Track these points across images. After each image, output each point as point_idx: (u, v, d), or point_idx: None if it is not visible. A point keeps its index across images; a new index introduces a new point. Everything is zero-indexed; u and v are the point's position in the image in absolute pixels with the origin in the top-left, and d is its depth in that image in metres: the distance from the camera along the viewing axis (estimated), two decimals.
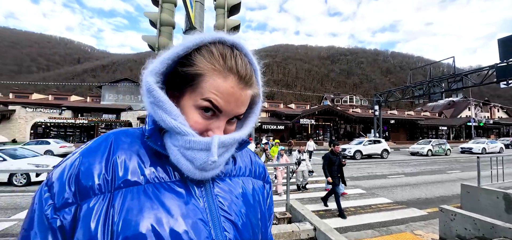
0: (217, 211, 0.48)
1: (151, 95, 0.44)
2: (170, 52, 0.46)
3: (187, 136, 0.44)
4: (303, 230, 3.42)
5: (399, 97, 24.97)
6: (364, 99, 62.52)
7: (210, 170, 0.46)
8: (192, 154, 0.45)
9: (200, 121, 0.46)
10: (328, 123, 34.61)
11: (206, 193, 0.49)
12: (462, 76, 18.72)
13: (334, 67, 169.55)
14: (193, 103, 0.46)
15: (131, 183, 0.43)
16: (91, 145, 0.47)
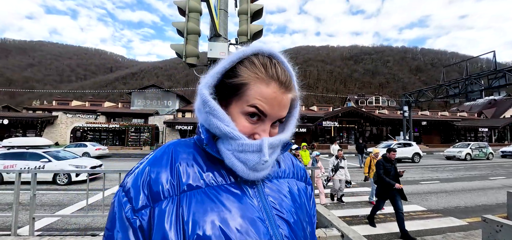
0: (270, 209, 0.52)
1: (207, 106, 0.49)
2: (219, 67, 0.51)
3: (239, 139, 0.48)
4: (330, 236, 3.32)
5: (431, 97, 23.28)
6: (391, 100, 59.32)
7: (261, 170, 0.50)
8: (245, 156, 0.49)
9: (247, 125, 0.51)
10: (352, 125, 33.35)
11: (259, 193, 0.53)
12: (505, 72, 16.94)
13: (357, 67, 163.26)
14: (240, 110, 0.50)
15: (194, 187, 0.48)
16: (156, 155, 0.52)
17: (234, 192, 0.50)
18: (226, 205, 0.48)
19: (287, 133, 0.58)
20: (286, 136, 0.56)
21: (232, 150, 0.49)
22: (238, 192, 0.50)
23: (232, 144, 0.49)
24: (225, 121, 0.49)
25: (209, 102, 0.49)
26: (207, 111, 0.50)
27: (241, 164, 0.49)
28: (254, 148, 0.49)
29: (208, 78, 0.52)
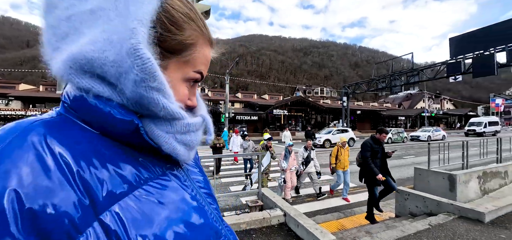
0: (198, 188, 0.47)
1: (154, 79, 0.34)
2: (146, 10, 0.35)
3: (184, 119, 0.40)
4: (274, 216, 3.52)
5: (365, 89, 26.61)
6: (334, 91, 65.50)
7: (194, 149, 0.45)
8: (189, 137, 0.42)
9: (186, 93, 0.43)
10: (300, 113, 35.71)
11: (187, 175, 0.46)
12: (419, 71, 20.55)
13: (306, 59, 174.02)
14: (182, 76, 0.41)
15: (118, 196, 0.33)
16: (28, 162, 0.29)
17: (168, 185, 0.40)
18: (166, 202, 0.37)
19: (199, 101, 0.52)
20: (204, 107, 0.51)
21: (174, 132, 0.39)
22: (173, 183, 0.41)
23: (175, 125, 0.39)
24: (171, 96, 0.38)
25: (156, 73, 0.34)
26: (147, 86, 0.34)
27: (184, 147, 0.41)
28: (198, 126, 0.44)
29: (142, 31, 0.34)
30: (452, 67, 17.65)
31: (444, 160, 5.63)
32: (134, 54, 0.33)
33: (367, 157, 4.41)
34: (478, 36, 16.17)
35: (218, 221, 0.45)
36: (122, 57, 0.33)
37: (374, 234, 3.30)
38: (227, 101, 23.44)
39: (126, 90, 0.34)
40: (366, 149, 4.49)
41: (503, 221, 3.55)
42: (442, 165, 5.58)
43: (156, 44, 0.36)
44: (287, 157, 5.77)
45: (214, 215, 0.44)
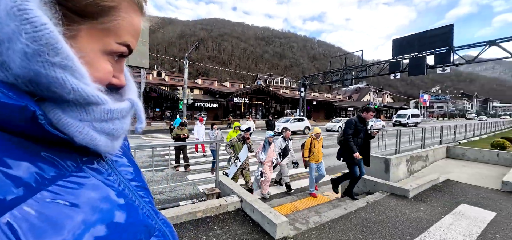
0: (127, 182, 0.41)
1: (54, 51, 0.27)
2: None
3: (105, 104, 0.33)
4: (231, 202, 3.56)
5: (321, 81, 28.39)
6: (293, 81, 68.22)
7: (121, 137, 0.38)
8: (113, 125, 0.35)
9: (109, 70, 0.35)
10: (260, 102, 36.34)
11: (113, 169, 0.39)
12: (367, 67, 22.78)
13: (268, 48, 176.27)
14: (101, 47, 0.33)
15: (8, 204, 0.25)
16: None
17: (88, 181, 0.33)
18: (83, 203, 0.30)
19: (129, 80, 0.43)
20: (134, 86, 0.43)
21: (91, 120, 0.32)
22: (93, 179, 0.34)
23: (92, 112, 0.32)
24: (84, 76, 0.30)
25: (60, 47, 0.27)
26: (46, 61, 0.26)
27: (106, 137, 0.34)
28: (125, 112, 0.37)
29: None
30: (393, 65, 20.04)
31: (382, 146, 6.44)
32: (19, 17, 0.24)
33: (348, 135, 4.28)
34: (414, 40, 18.58)
35: (152, 216, 0.41)
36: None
37: (322, 213, 3.62)
38: (186, 87, 22.36)
39: (13, 65, 0.26)
40: (349, 126, 4.34)
41: (422, 196, 4.27)
42: (380, 150, 6.37)
43: (58, 4, 0.28)
44: (266, 149, 5.28)
45: (146, 210, 0.40)
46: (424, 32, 18.18)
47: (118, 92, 0.40)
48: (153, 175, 4.14)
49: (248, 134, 5.25)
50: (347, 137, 4.30)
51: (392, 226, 3.19)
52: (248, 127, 5.50)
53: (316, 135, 5.43)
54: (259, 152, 5.30)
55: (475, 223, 3.28)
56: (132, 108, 0.39)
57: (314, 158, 5.32)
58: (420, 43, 18.02)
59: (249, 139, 5.22)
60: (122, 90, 0.41)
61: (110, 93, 0.36)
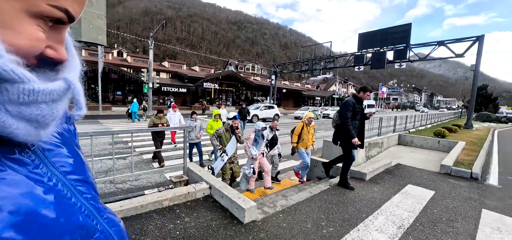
0: (62, 177, 0.34)
1: None
2: None
3: (25, 82, 0.26)
4: (199, 189, 3.51)
5: (291, 70, 29.00)
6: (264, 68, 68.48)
7: (51, 123, 0.31)
8: (37, 110, 0.28)
9: (38, 36, 0.28)
10: (231, 88, 35.90)
11: (42, 161, 0.33)
12: (334, 58, 23.84)
13: (240, 34, 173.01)
14: (24, 6, 0.26)
15: None
16: None
17: (5, 175, 0.27)
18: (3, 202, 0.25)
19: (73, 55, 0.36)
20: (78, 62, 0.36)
21: (2, 102, 0.25)
22: (12, 173, 0.28)
23: (5, 92, 0.25)
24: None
25: None
26: None
27: (26, 124, 0.28)
28: (56, 95, 0.30)
29: None
30: (358, 58, 21.29)
31: None
32: None
33: (347, 118, 3.91)
34: (377, 35, 19.88)
35: (92, 215, 0.36)
36: None
37: (289, 197, 3.79)
38: (151, 69, 20.99)
39: None
40: (347, 108, 3.94)
41: (377, 179, 4.73)
42: None
43: None
44: (259, 143, 4.60)
45: (85, 208, 0.35)
46: (386, 28, 19.54)
47: (55, 69, 0.32)
48: (114, 164, 3.87)
49: (237, 122, 4.63)
50: (346, 121, 3.93)
51: (351, 206, 3.49)
52: (234, 115, 4.73)
53: (308, 120, 5.11)
54: (250, 146, 4.58)
55: (418, 201, 3.75)
56: (68, 90, 0.31)
57: (303, 145, 5.05)
58: (382, 39, 19.37)
59: (239, 129, 4.61)
60: (61, 67, 0.33)
61: (41, 69, 0.29)
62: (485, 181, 5.07)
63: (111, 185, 4.75)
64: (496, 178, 5.36)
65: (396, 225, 2.99)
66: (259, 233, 2.66)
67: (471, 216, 3.35)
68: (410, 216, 3.26)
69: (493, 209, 3.62)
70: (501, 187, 4.72)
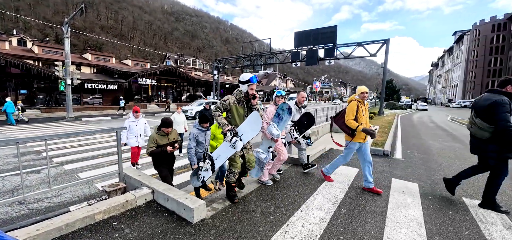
0: None
1: None
2: None
3: None
4: (140, 196, 3.21)
5: (234, 65, 29.13)
6: (206, 63, 66.62)
7: None
8: None
9: None
10: (171, 84, 33.64)
11: None
12: (274, 54, 25.10)
13: (178, 26, 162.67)
14: None
15: None
16: None
17: None
18: None
19: None
20: None
21: None
22: None
23: None
24: None
25: None
26: None
27: None
28: None
29: None
30: (295, 55, 23.00)
31: None
32: None
33: (508, 121, 2.83)
34: (310, 35, 21.85)
35: None
36: None
37: (239, 190, 3.85)
38: (69, 62, 17.70)
39: None
40: (505, 108, 2.86)
41: (315, 163, 5.28)
42: None
43: None
44: (283, 120, 3.55)
45: None
46: (317, 29, 21.69)
47: None
48: (23, 180, 3.14)
49: (254, 87, 3.17)
50: (508, 126, 2.82)
51: (294, 190, 3.81)
52: (250, 77, 3.16)
53: (361, 95, 3.67)
54: (270, 123, 3.56)
55: (347, 178, 4.38)
56: None
57: (359, 135, 3.63)
58: (314, 38, 21.44)
59: (257, 98, 3.19)
60: None
61: None
62: (393, 156, 6.31)
63: (21, 207, 3.85)
64: (400, 153, 6.73)
65: (331, 201, 3.43)
66: (209, 230, 2.63)
67: (385, 184, 4.12)
68: (341, 192, 3.78)
69: (399, 177, 4.55)
70: (404, 160, 5.96)
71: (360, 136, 3.63)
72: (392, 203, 3.45)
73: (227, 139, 2.97)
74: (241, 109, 3.19)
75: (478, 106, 3.17)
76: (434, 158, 6.28)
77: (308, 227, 2.74)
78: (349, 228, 2.75)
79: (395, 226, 2.82)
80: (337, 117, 3.91)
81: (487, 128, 3.02)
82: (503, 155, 2.99)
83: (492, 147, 3.03)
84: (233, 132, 2.95)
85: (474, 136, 3.24)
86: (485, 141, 3.08)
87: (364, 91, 3.66)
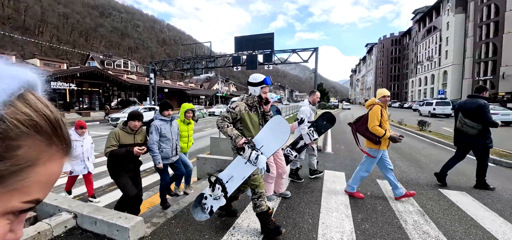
0: None
1: None
2: None
3: None
4: (58, 223, 2.68)
5: (172, 68, 27.48)
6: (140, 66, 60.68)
7: None
8: None
9: (6, 230, 0.28)
10: (96, 89, 29.24)
11: None
12: (215, 58, 24.90)
13: (105, 22, 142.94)
14: (1, 210, 0.27)
15: None
16: None
17: None
18: None
19: None
20: None
21: None
22: None
23: None
24: None
25: None
26: None
27: None
28: None
29: None
30: (236, 59, 23.35)
31: None
32: None
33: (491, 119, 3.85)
34: (249, 40, 22.61)
35: None
36: None
37: (180, 201, 3.65)
38: None
39: None
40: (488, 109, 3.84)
41: None
42: None
43: None
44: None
45: None
46: (256, 35, 22.65)
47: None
48: None
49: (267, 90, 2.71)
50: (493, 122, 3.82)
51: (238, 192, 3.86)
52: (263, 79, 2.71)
53: (383, 99, 3.46)
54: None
55: (287, 173, 4.72)
56: None
57: (385, 142, 3.41)
58: (254, 44, 22.31)
59: (269, 104, 2.73)
60: None
61: None
62: (325, 151, 7.13)
63: None
64: (330, 147, 7.67)
65: (274, 196, 3.63)
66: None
67: (320, 176, 4.62)
68: (284, 184, 4.05)
69: (330, 168, 5.18)
70: (333, 153, 6.82)
71: (385, 142, 3.42)
72: (325, 192, 3.90)
73: (246, 155, 2.39)
74: (255, 117, 2.64)
75: (466, 109, 3.97)
76: (357, 150, 7.41)
77: (254, 226, 2.83)
78: (290, 220, 2.97)
79: (328, 211, 3.20)
80: (358, 123, 3.62)
81: (476, 126, 3.86)
82: (488, 145, 3.93)
83: (480, 140, 3.91)
84: (251, 145, 2.41)
85: (466, 133, 3.99)
86: (474, 136, 3.91)
87: (385, 95, 3.47)
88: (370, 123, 3.39)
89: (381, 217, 3.08)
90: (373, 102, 3.50)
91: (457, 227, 2.86)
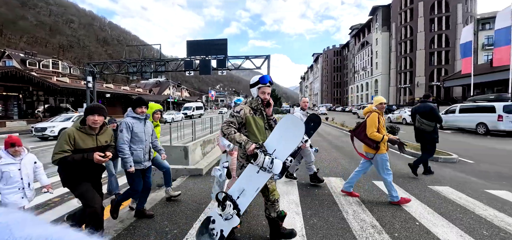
0: None
1: None
2: None
3: None
4: None
5: (115, 71, 24.87)
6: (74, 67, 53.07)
7: None
8: None
9: None
10: (15, 93, 24.33)
11: None
12: (166, 62, 23.54)
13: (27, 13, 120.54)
14: None
15: None
16: None
17: None
18: None
19: None
20: None
21: None
22: None
23: None
24: None
25: None
26: None
27: None
28: None
29: None
30: (188, 64, 22.54)
31: (182, 137, 7.12)
32: None
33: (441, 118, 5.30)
34: (203, 45, 22.16)
35: None
36: None
37: (124, 218, 3.30)
38: None
39: None
40: (438, 110, 5.12)
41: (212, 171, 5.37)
42: (180, 140, 7.00)
43: None
44: None
45: None
46: (209, 40, 22.36)
47: None
48: None
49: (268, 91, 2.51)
50: (441, 119, 5.20)
51: (191, 201, 3.71)
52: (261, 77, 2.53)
53: (380, 106, 3.62)
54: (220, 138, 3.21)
55: None
56: None
57: (384, 146, 3.57)
58: (207, 49, 21.95)
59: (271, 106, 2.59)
60: None
61: None
62: None
63: None
64: None
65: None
66: None
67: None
68: None
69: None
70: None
71: (384, 147, 3.56)
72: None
73: (259, 161, 2.15)
74: (260, 121, 2.45)
75: (422, 111, 5.12)
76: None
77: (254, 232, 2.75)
78: (245, 224, 3.00)
79: None
80: (357, 130, 3.83)
81: (431, 124, 5.02)
82: (436, 140, 5.15)
83: (434, 135, 5.09)
84: (263, 149, 2.19)
85: (424, 131, 5.10)
86: (429, 133, 5.07)
87: (382, 102, 3.63)
88: (368, 130, 3.55)
89: (327, 211, 3.37)
90: (371, 110, 3.68)
91: (386, 212, 3.33)
